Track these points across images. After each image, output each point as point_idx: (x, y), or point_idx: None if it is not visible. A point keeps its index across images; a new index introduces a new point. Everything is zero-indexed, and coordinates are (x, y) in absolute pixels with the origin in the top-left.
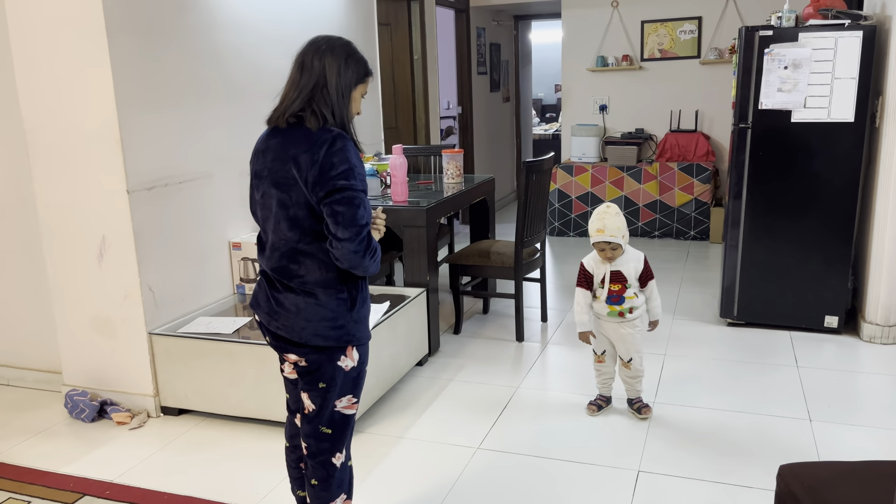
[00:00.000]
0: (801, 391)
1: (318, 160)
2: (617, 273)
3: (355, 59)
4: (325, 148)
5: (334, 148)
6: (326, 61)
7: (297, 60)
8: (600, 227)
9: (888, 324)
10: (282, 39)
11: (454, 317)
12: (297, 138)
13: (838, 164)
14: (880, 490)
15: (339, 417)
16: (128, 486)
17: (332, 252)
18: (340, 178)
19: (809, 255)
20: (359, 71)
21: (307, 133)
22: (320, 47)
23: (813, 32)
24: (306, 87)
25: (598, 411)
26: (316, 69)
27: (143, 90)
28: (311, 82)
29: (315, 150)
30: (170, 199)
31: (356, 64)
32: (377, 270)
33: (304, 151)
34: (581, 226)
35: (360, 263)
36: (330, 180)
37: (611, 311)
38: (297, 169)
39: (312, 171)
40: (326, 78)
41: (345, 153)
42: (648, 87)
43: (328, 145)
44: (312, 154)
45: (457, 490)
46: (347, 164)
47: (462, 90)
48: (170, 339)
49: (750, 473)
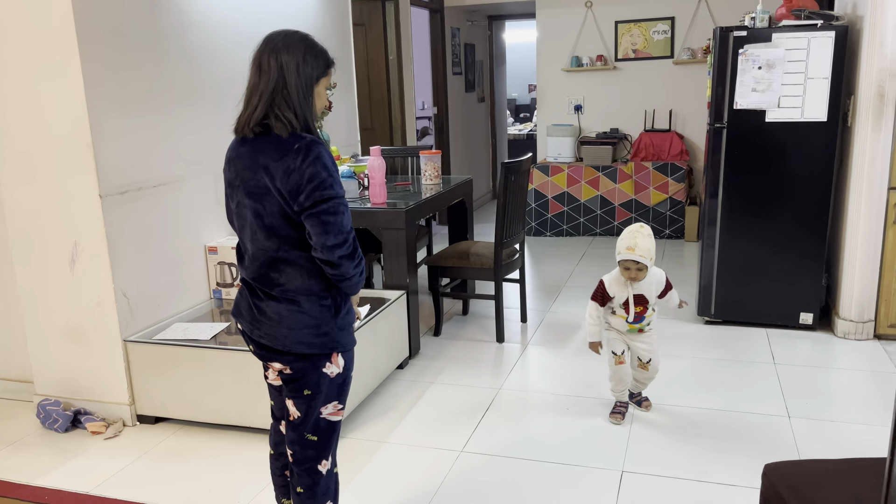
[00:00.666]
0: (778, 388)
1: (294, 170)
2: (640, 297)
3: (314, 52)
4: (300, 158)
5: (310, 157)
6: (284, 60)
7: (253, 61)
8: (630, 246)
9: (861, 320)
10: (254, 41)
11: (434, 319)
12: (266, 147)
13: (812, 163)
14: (864, 487)
15: (324, 424)
16: (105, 497)
17: (321, 261)
18: (324, 188)
19: (784, 254)
20: (319, 65)
21: (277, 141)
22: (276, 45)
23: (786, 33)
24: (266, 90)
25: (623, 419)
26: (274, 70)
27: (115, 93)
28: (271, 85)
29: (288, 159)
30: (143, 203)
31: (315, 58)
32: (363, 282)
33: (275, 160)
34: (558, 225)
35: (349, 268)
36: (314, 191)
37: (630, 328)
38: (269, 178)
39: (288, 182)
40: (286, 78)
41: (322, 161)
42: (622, 87)
43: (303, 155)
44: (286, 164)
45: (441, 494)
46: (326, 172)
47: (437, 91)
48: (145, 345)
49: (733, 472)
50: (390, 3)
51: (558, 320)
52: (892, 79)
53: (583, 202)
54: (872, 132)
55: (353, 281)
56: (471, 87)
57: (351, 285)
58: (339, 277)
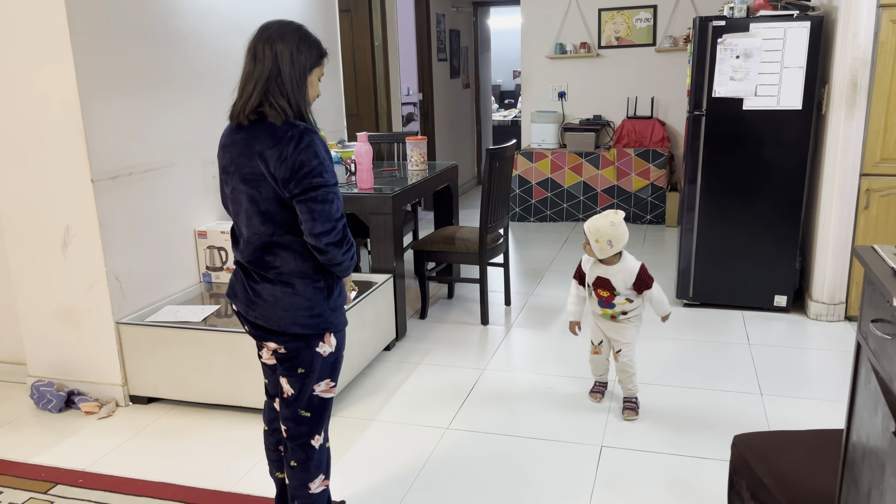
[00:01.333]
0: (752, 367)
1: (287, 157)
2: (603, 280)
3: (308, 42)
4: (293, 145)
5: (302, 144)
6: (278, 49)
7: (248, 50)
8: (592, 226)
9: (833, 302)
10: (243, 26)
11: (420, 302)
12: (261, 134)
13: (787, 150)
14: (826, 456)
15: (317, 401)
16: (101, 474)
17: (311, 246)
18: (313, 175)
19: (760, 238)
20: (312, 54)
21: (271, 129)
22: (271, 35)
23: (763, 23)
24: (261, 78)
25: (603, 398)
26: (268, 58)
27: (105, 79)
28: (266, 73)
29: (282, 146)
30: (134, 188)
31: (309, 48)
32: (354, 265)
33: (269, 147)
34: (541, 211)
35: (338, 254)
36: (304, 178)
37: (603, 312)
38: (264, 165)
39: (282, 168)
40: (280, 67)
41: (314, 149)
42: (606, 74)
43: (296, 142)
44: (280, 151)
45: (428, 469)
46: (318, 160)
47: (423, 77)
48: (138, 328)
49: (706, 445)
50: None
51: (541, 303)
52: (864, 68)
53: (566, 188)
54: (845, 120)
55: (343, 266)
56: (456, 74)
57: (341, 270)
58: (328, 262)
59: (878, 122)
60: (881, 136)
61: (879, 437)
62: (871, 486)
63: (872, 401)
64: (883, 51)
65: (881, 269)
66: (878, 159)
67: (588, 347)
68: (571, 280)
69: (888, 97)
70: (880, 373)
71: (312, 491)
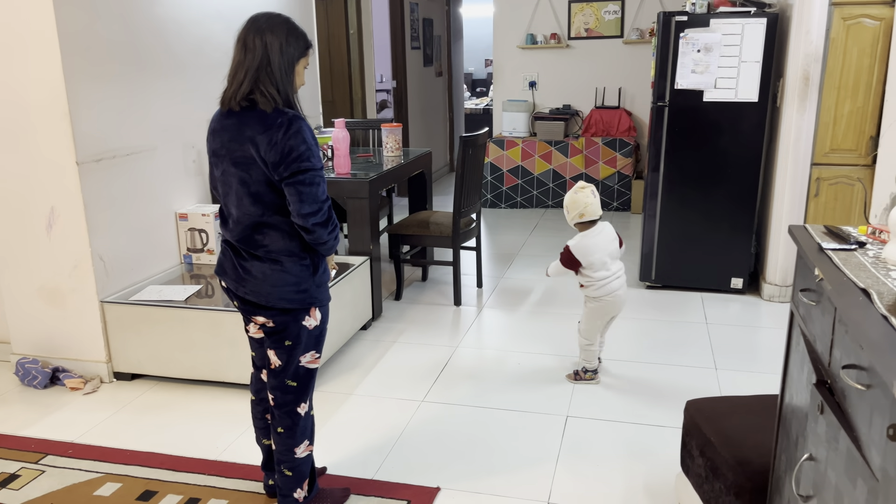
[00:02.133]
0: (709, 345)
1: (277, 142)
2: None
3: (295, 34)
4: (282, 131)
5: (291, 131)
6: (268, 39)
7: (238, 40)
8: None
9: (785, 284)
10: (222, 13)
11: (395, 284)
12: (252, 120)
13: (744, 140)
14: (764, 417)
15: (303, 371)
16: (90, 445)
17: (298, 226)
18: (301, 160)
19: (718, 224)
20: (300, 45)
21: (262, 115)
22: (261, 26)
23: (723, 19)
24: (251, 67)
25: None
26: (258, 48)
27: (90, 63)
28: (256, 62)
29: (272, 132)
30: (118, 170)
31: (297, 39)
32: (337, 244)
33: (260, 133)
34: (512, 198)
35: (323, 234)
36: (292, 163)
37: None
38: (255, 149)
39: (272, 153)
40: (269, 57)
41: (302, 135)
42: (575, 64)
43: (286, 128)
44: (270, 136)
45: (405, 438)
46: (305, 145)
47: (396, 65)
48: (122, 306)
49: (663, 414)
50: None
51: (512, 286)
52: (816, 63)
53: (536, 175)
54: (798, 112)
55: (328, 245)
56: (429, 62)
57: (326, 248)
58: (314, 241)
59: (828, 115)
60: (830, 128)
61: (804, 389)
62: (797, 434)
63: (800, 360)
64: (834, 47)
65: (809, 244)
66: (827, 150)
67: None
68: None
69: (838, 91)
70: (806, 335)
71: (298, 455)
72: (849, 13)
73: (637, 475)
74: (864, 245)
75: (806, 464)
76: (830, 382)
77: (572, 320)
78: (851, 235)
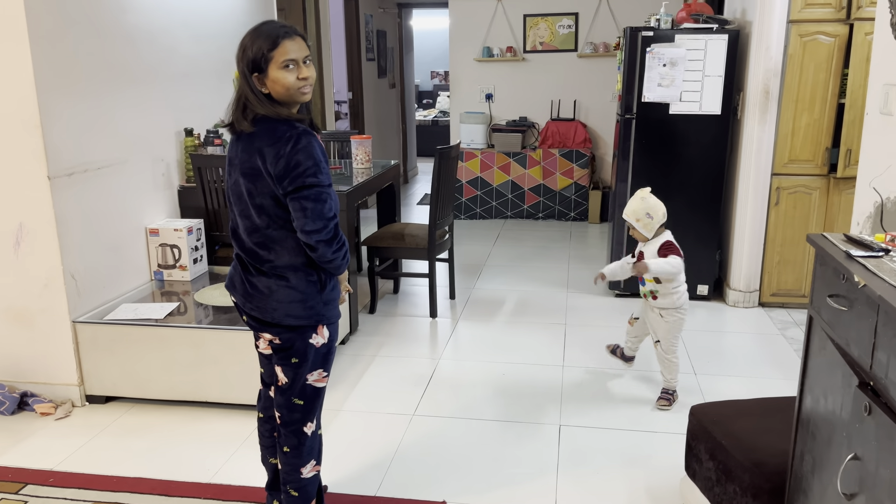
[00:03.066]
0: (685, 350)
1: (284, 155)
2: (640, 254)
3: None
4: (290, 144)
5: (299, 145)
6: (240, 67)
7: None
8: (628, 210)
9: (749, 290)
10: (189, 22)
11: (369, 297)
12: (262, 132)
13: (708, 151)
14: (770, 419)
15: (310, 390)
16: (72, 472)
17: (303, 242)
18: (307, 175)
19: (684, 232)
20: (264, 45)
21: (272, 127)
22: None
23: (687, 35)
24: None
25: (612, 354)
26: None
27: (61, 74)
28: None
29: (280, 145)
30: (89, 185)
31: (254, 42)
32: (346, 264)
33: (268, 145)
34: (471, 209)
35: (328, 252)
36: (297, 177)
37: (642, 289)
38: (262, 161)
39: (278, 166)
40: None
41: (310, 150)
42: (531, 77)
43: (293, 142)
44: (277, 149)
45: (402, 452)
46: (312, 161)
47: (352, 76)
48: (97, 326)
49: (655, 420)
50: None
51: (483, 297)
52: (775, 78)
53: (495, 186)
54: (759, 125)
55: (335, 264)
56: (383, 73)
57: (332, 267)
58: (319, 259)
59: (787, 127)
60: (789, 139)
61: (838, 392)
62: (830, 435)
63: (828, 364)
64: (792, 62)
65: (834, 251)
66: (786, 160)
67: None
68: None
69: (795, 104)
70: (835, 339)
71: (304, 475)
72: (805, 30)
73: (638, 481)
74: (889, 252)
75: (849, 463)
76: (874, 384)
77: (549, 330)
78: (874, 243)
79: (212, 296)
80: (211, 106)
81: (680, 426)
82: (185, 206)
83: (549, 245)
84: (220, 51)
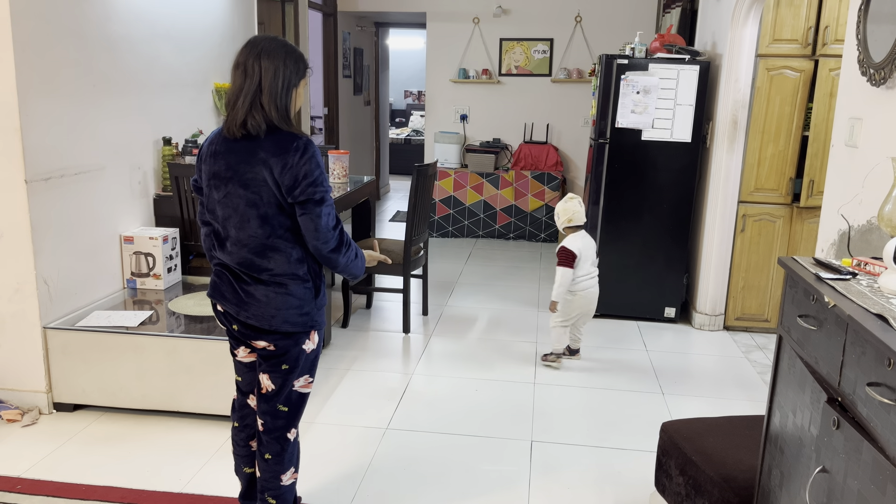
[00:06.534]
0: (652, 370)
1: (293, 166)
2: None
3: (294, 57)
4: (298, 155)
5: (307, 155)
6: (264, 64)
7: (237, 65)
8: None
9: (714, 313)
10: (171, 33)
11: (342, 311)
12: (266, 143)
13: (678, 177)
14: (738, 436)
15: (295, 396)
16: (40, 480)
17: (313, 248)
18: (316, 184)
19: (653, 256)
20: (299, 68)
21: (276, 138)
22: (259, 51)
23: (660, 64)
24: (250, 91)
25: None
26: (257, 73)
27: (43, 79)
28: (254, 87)
29: (288, 156)
30: (65, 190)
31: (295, 62)
32: (362, 263)
33: (274, 156)
34: (444, 227)
35: (338, 259)
36: (308, 187)
37: None
38: (268, 171)
39: (286, 176)
40: (268, 80)
41: (316, 159)
42: (505, 100)
43: (301, 153)
44: (285, 160)
45: (375, 465)
46: (319, 170)
47: (329, 92)
48: (68, 333)
49: (624, 438)
50: (290, 4)
51: (456, 313)
52: (743, 109)
53: (468, 206)
54: (727, 153)
55: (350, 270)
56: (359, 91)
57: (346, 273)
58: (331, 266)
59: (753, 157)
60: (755, 168)
61: (807, 408)
62: (799, 449)
63: (797, 381)
64: (759, 95)
65: (805, 274)
66: (752, 189)
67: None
68: None
69: (762, 135)
70: (804, 358)
71: (283, 483)
72: (772, 65)
73: (608, 496)
74: (856, 275)
75: (818, 476)
76: (842, 399)
77: (521, 347)
78: (842, 267)
79: (185, 305)
80: (189, 116)
81: (650, 444)
82: (160, 215)
83: (519, 265)
84: (198, 62)
